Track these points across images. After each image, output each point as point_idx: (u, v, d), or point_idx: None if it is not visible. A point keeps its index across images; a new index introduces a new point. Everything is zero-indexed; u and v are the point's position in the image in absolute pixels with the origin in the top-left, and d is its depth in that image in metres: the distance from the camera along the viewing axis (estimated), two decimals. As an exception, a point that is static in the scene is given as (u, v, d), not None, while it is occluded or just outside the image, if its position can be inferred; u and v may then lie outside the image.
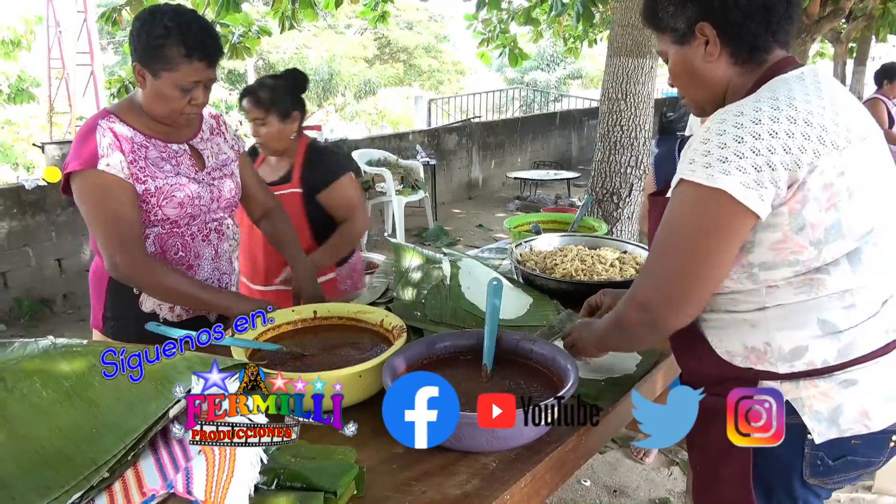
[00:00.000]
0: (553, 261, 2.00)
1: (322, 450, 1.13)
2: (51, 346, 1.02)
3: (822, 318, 1.04)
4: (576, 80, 24.91)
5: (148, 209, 1.58)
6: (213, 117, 1.80)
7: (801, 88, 1.03)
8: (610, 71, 3.20)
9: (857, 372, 1.04)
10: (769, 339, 1.06)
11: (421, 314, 1.66)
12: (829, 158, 0.98)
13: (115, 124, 1.56)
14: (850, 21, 8.32)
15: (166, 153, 1.62)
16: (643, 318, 1.08)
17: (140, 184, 1.55)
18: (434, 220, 6.87)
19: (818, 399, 1.04)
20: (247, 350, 1.36)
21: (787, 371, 1.05)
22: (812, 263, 1.02)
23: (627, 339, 1.20)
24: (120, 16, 5.11)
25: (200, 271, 1.70)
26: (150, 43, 1.49)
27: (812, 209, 0.98)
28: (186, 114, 1.58)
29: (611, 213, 3.27)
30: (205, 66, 1.52)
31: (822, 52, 14.11)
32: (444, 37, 22.80)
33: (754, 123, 0.98)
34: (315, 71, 18.91)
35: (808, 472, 1.07)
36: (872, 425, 1.04)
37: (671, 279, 1.05)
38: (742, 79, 1.11)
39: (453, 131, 8.63)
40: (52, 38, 13.61)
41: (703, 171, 0.99)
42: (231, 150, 1.80)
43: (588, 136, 11.39)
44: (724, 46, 1.10)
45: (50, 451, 0.89)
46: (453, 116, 12.90)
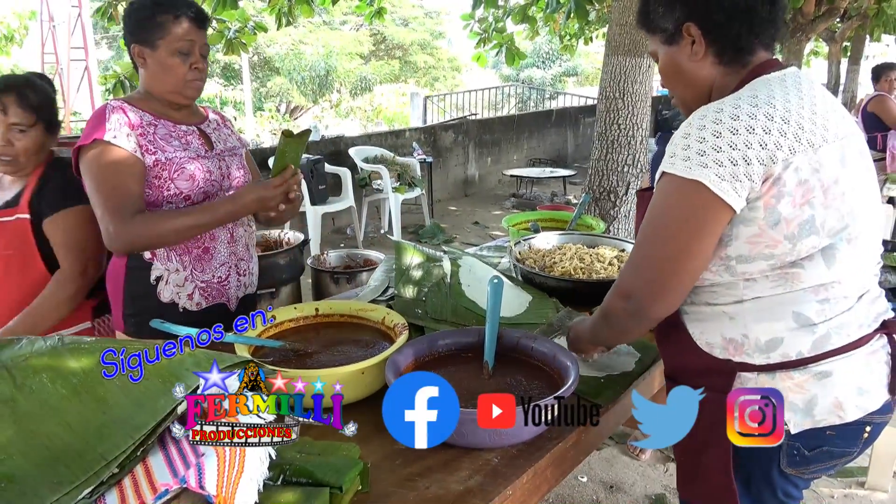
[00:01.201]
0: (552, 259, 2.01)
1: (327, 446, 1.15)
2: (58, 343, 1.03)
3: (796, 311, 1.07)
4: (571, 77, 24.93)
5: (160, 183, 1.61)
6: (217, 114, 1.86)
7: (782, 88, 1.07)
8: (608, 70, 3.22)
9: (831, 364, 1.07)
10: (746, 331, 1.10)
11: (422, 312, 1.68)
12: (804, 156, 1.02)
13: (125, 105, 1.62)
14: (844, 20, 8.37)
15: (175, 132, 1.67)
16: (627, 306, 1.11)
17: (150, 155, 1.59)
18: (430, 218, 6.88)
19: (793, 391, 1.08)
20: (250, 347, 1.37)
21: (763, 362, 1.09)
22: (787, 258, 1.05)
23: (613, 329, 1.23)
24: (116, 10, 5.09)
25: (217, 255, 1.73)
26: (140, 19, 1.60)
27: (786, 204, 1.02)
28: (190, 81, 1.63)
29: (608, 211, 3.29)
30: (196, 27, 1.61)
31: (816, 51, 14.17)
32: (439, 33, 22.77)
33: (732, 119, 1.02)
34: (311, 67, 18.85)
35: (784, 462, 1.11)
36: (846, 416, 1.08)
37: (652, 267, 1.08)
38: (726, 79, 1.16)
39: (450, 128, 8.64)
40: (45, 33, 13.55)
41: (682, 164, 1.03)
42: (238, 142, 1.85)
43: (584, 134, 11.41)
44: (708, 46, 1.15)
45: (59, 446, 0.90)
46: (449, 113, 12.91)
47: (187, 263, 1.68)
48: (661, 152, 2.13)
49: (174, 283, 1.67)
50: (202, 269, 1.70)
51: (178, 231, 1.58)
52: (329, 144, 6.83)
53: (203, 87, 1.70)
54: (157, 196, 1.61)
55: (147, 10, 1.59)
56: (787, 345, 1.08)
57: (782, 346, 1.08)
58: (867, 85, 6.19)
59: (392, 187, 6.20)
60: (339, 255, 3.07)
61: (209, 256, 1.71)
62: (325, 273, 2.84)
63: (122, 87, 4.88)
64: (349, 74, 19.49)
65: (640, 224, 1.30)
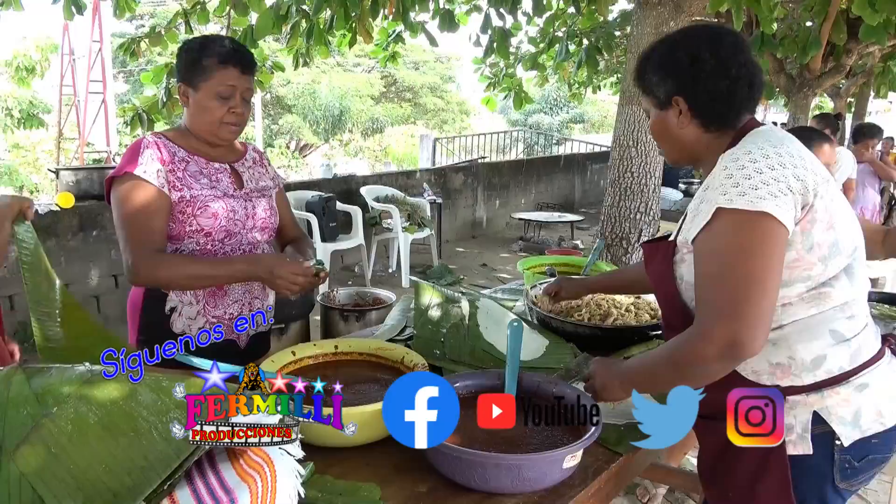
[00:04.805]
0: (568, 304, 2.02)
1: (348, 486, 1.14)
2: (88, 373, 1.03)
3: (832, 329, 1.16)
4: (578, 124, 25.28)
5: (184, 219, 1.64)
6: (257, 152, 1.88)
7: (777, 136, 1.19)
8: (622, 118, 3.27)
9: (868, 376, 1.16)
10: (792, 353, 1.15)
11: (440, 352, 1.68)
12: (823, 186, 1.13)
13: (161, 140, 1.66)
14: (849, 77, 8.52)
15: (207, 169, 1.70)
16: (724, 351, 1.05)
17: (177, 191, 1.63)
18: (438, 258, 6.89)
19: (841, 405, 1.14)
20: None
21: (811, 381, 1.14)
22: (820, 278, 1.14)
23: (693, 378, 1.12)
24: (139, 47, 5.22)
25: (231, 291, 1.73)
26: (189, 60, 1.64)
27: (819, 229, 1.12)
28: (227, 123, 1.65)
29: (620, 257, 3.30)
30: (238, 73, 1.62)
31: (821, 106, 14.38)
32: (449, 77, 23.22)
33: (765, 158, 1.11)
34: (325, 107, 19.17)
35: (838, 478, 1.16)
36: (887, 422, 1.16)
37: (748, 301, 1.05)
38: (717, 141, 1.26)
39: (459, 171, 8.72)
40: (65, 66, 13.84)
41: (740, 199, 1.08)
42: (271, 181, 1.86)
43: (591, 180, 11.51)
44: (693, 118, 1.26)
45: (87, 478, 0.90)
46: (457, 155, 13.05)
47: (200, 297, 1.70)
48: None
49: (186, 316, 1.69)
50: (215, 304, 1.71)
51: (191, 278, 1.61)
52: (341, 183, 6.90)
53: (240, 131, 1.71)
54: (180, 230, 1.65)
55: (194, 53, 1.63)
56: (829, 361, 1.15)
57: (826, 362, 1.15)
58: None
59: (402, 227, 6.23)
60: (348, 292, 3.07)
61: (223, 293, 1.72)
62: (335, 310, 2.84)
63: (139, 120, 4.97)
64: (361, 115, 19.81)
65: (652, 275, 1.34)
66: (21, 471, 0.90)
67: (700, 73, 1.22)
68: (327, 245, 5.67)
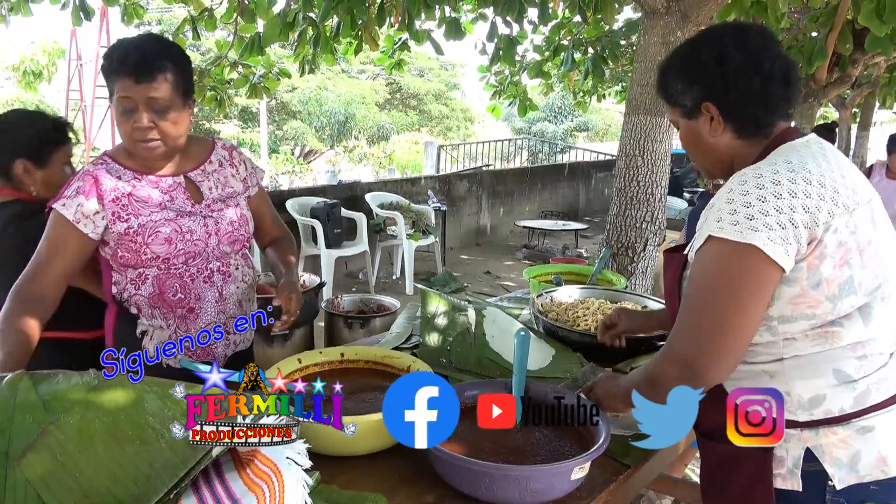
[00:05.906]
0: (575, 313, 2.01)
1: (353, 496, 1.14)
2: (94, 380, 1.03)
3: (836, 368, 1.09)
4: (582, 132, 25.28)
5: (136, 248, 1.53)
6: (227, 149, 1.71)
7: (810, 154, 1.11)
8: (628, 128, 3.27)
9: (873, 419, 1.08)
10: (788, 388, 1.10)
11: (446, 361, 1.67)
12: (841, 218, 1.05)
13: (105, 167, 1.55)
14: (855, 88, 8.51)
15: (158, 188, 1.57)
16: (682, 373, 1.08)
17: (122, 222, 1.52)
18: (443, 265, 6.89)
19: (837, 446, 1.08)
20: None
21: (806, 419, 1.09)
22: (827, 317, 1.07)
23: (662, 396, 1.15)
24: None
25: (203, 314, 1.62)
26: (102, 70, 1.50)
27: (828, 266, 1.05)
28: (139, 141, 1.48)
29: (625, 266, 3.29)
30: (132, 83, 1.42)
31: (826, 116, 14.36)
32: (454, 85, 23.25)
33: (774, 184, 1.05)
34: (330, 113, 19.23)
35: None
36: (890, 471, 1.07)
37: (708, 332, 1.06)
38: (748, 149, 1.18)
39: (464, 178, 8.73)
40: (72, 71, 13.94)
41: (731, 228, 1.04)
42: (240, 184, 1.70)
43: (596, 189, 11.51)
44: (727, 123, 1.18)
45: (92, 486, 0.89)
46: (461, 163, 13.07)
47: (171, 321, 1.60)
48: (699, 209, 2.15)
49: (158, 339, 1.60)
50: (186, 328, 1.61)
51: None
52: (346, 189, 6.92)
53: (163, 146, 1.50)
54: (136, 260, 1.54)
55: (103, 63, 1.49)
56: (829, 401, 1.08)
57: (825, 402, 1.08)
58: (876, 150, 6.24)
59: (406, 234, 6.23)
60: (352, 299, 3.07)
61: (194, 316, 1.61)
62: (339, 317, 2.84)
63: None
64: (366, 121, 19.86)
65: (667, 285, 1.31)
66: (27, 478, 0.90)
67: (729, 72, 1.13)
68: (331, 251, 5.67)
